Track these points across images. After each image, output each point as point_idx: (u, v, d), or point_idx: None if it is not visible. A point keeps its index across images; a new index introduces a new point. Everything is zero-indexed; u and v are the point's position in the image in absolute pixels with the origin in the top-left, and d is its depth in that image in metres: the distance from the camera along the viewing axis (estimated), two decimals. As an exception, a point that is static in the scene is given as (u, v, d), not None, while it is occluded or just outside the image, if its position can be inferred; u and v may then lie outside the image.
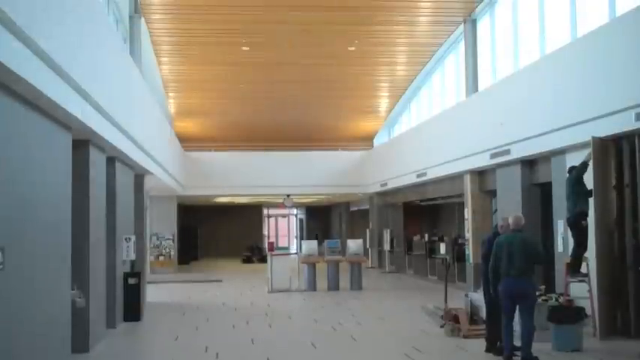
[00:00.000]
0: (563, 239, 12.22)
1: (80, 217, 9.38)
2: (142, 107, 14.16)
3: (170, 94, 25.03)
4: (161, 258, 25.29)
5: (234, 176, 26.34)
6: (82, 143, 9.48)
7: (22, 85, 6.13)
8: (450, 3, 18.20)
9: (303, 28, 19.22)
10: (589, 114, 10.96)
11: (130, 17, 16.88)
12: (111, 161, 11.59)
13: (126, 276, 13.00)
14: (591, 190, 10.26)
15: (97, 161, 10.23)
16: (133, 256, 13.01)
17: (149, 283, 17.77)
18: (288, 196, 28.53)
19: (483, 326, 10.01)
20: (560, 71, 12.36)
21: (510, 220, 9.04)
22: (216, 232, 37.06)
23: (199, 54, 21.36)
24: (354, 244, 19.62)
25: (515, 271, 8.61)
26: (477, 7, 18.23)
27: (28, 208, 6.95)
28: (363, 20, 18.84)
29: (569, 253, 10.99)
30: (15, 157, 6.54)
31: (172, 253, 25.64)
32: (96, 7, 9.46)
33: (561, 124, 11.90)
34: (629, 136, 10.25)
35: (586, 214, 10.30)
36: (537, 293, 9.57)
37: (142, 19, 17.38)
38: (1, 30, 5.34)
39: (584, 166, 10.45)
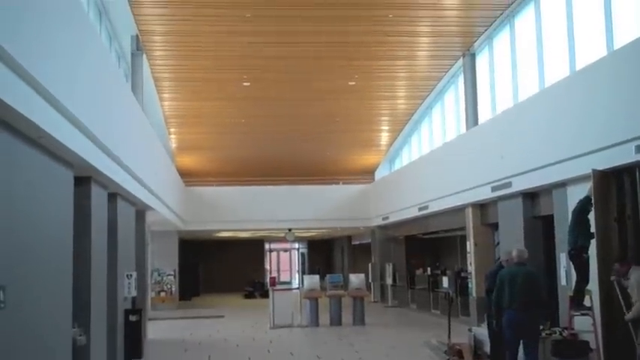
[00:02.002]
0: (566, 272, 12.16)
1: (81, 254, 9.35)
2: (143, 143, 14.21)
3: (171, 130, 25.15)
4: (162, 294, 25.17)
5: (236, 211, 26.31)
6: (84, 180, 9.49)
7: (24, 122, 6.16)
8: (448, 38, 18.37)
9: (303, 63, 19.38)
10: (589, 146, 10.97)
11: (132, 54, 17.05)
12: (112, 197, 11.59)
13: (127, 313, 12.91)
14: (593, 233, 10.17)
15: (98, 197, 10.24)
16: (134, 293, 12.95)
17: (150, 319, 17.68)
18: (289, 230, 28.48)
19: (488, 361, 9.93)
20: (559, 104, 12.41)
21: (514, 254, 9.02)
22: (218, 266, 36.90)
23: (200, 89, 21.51)
24: (356, 279, 19.54)
25: (518, 304, 8.56)
26: (475, 41, 18.40)
27: (29, 245, 6.94)
28: (363, 55, 19.01)
29: (572, 287, 10.92)
30: (16, 195, 6.54)
31: (174, 288, 25.52)
32: (98, 45, 9.56)
33: (561, 157, 11.91)
34: (629, 169, 10.25)
35: (586, 249, 10.26)
36: (541, 327, 9.51)
37: (144, 55, 17.55)
38: (3, 69, 5.37)
39: (587, 200, 10.41)
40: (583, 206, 10.42)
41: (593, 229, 10.14)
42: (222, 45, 17.94)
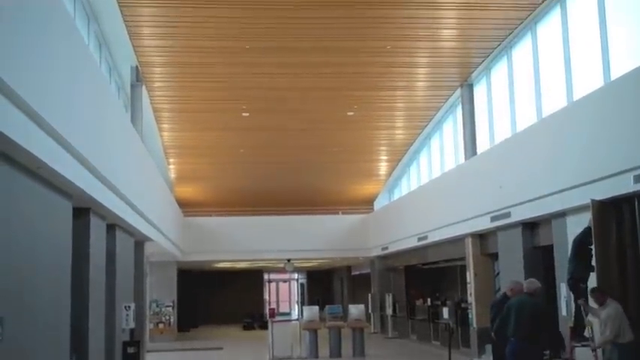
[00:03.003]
0: (566, 302, 12.10)
1: (80, 285, 9.31)
2: (142, 174, 14.23)
3: (170, 160, 25.19)
4: (161, 325, 24.98)
5: (235, 241, 26.22)
6: (83, 211, 9.49)
7: (23, 153, 6.17)
8: (446, 69, 18.50)
9: (302, 94, 19.49)
10: (588, 176, 10.99)
11: (132, 85, 17.16)
12: (111, 228, 11.57)
13: (125, 345, 12.82)
14: (594, 266, 10.15)
15: (97, 229, 10.22)
16: (132, 325, 12.87)
17: (149, 351, 17.53)
18: (288, 260, 28.37)
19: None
20: (558, 134, 12.45)
21: (525, 284, 9.02)
22: (217, 297, 36.68)
23: (199, 120, 21.59)
24: (355, 310, 19.41)
25: (523, 334, 8.53)
26: (473, 72, 18.53)
27: (26, 276, 6.90)
28: (361, 86, 19.13)
29: (572, 317, 10.86)
30: (14, 226, 6.53)
31: (172, 320, 25.34)
32: (98, 77, 9.61)
33: (560, 187, 11.92)
34: (628, 199, 10.26)
35: (585, 279, 10.22)
36: (544, 358, 9.44)
37: (144, 86, 17.64)
38: (1, 99, 5.37)
39: (588, 231, 10.39)
40: (583, 237, 10.40)
41: (593, 262, 10.13)
42: (222, 76, 18.05)
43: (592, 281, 10.21)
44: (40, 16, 6.36)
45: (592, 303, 9.46)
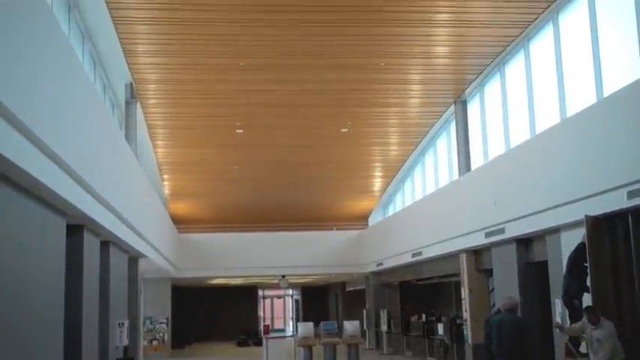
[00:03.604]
0: (561, 318, 12.07)
1: (73, 303, 9.26)
2: (136, 191, 14.21)
3: (165, 176, 25.18)
4: (155, 342, 24.84)
5: (229, 258, 26.13)
6: (77, 228, 9.46)
7: (15, 170, 6.15)
8: (440, 85, 18.59)
9: (296, 111, 19.56)
10: (581, 192, 11.02)
11: (126, 102, 17.18)
12: (105, 245, 11.54)
13: (118, 362, 12.76)
14: (588, 287, 10.16)
15: (90, 246, 10.19)
16: (126, 342, 12.80)
17: (142, 368, 17.42)
18: (283, 277, 28.30)
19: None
20: (551, 150, 12.49)
21: (504, 301, 9.11)
22: (211, 314, 36.53)
23: (194, 137, 21.62)
24: (350, 326, 19.36)
25: (505, 350, 8.63)
26: (466, 88, 18.62)
27: (20, 294, 6.87)
28: (356, 102, 19.21)
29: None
30: (6, 242, 6.51)
31: (166, 337, 25.20)
32: (92, 94, 9.62)
33: (554, 203, 11.95)
34: (622, 215, 10.28)
35: (579, 297, 10.23)
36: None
37: (138, 103, 17.67)
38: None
39: (582, 247, 10.40)
40: (578, 253, 10.42)
41: (589, 281, 10.14)
42: (216, 93, 18.11)
43: (587, 297, 10.23)
44: (34, 36, 6.38)
45: (585, 321, 9.44)
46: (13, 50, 5.69)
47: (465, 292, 17.21)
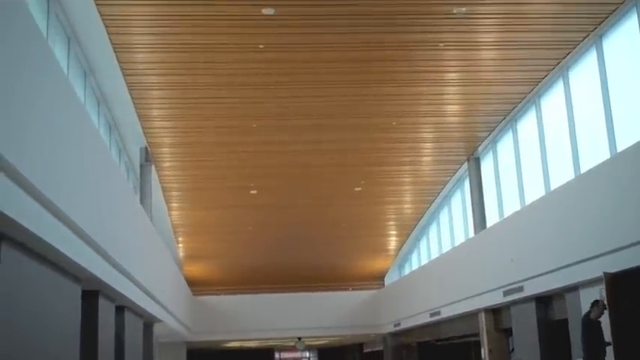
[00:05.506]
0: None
1: (87, 370, 9.16)
2: (152, 255, 14.20)
3: (179, 239, 25.18)
4: (170, 408, 24.43)
5: (245, 320, 25.87)
6: (92, 293, 9.41)
7: (34, 239, 6.17)
8: (453, 143, 18.63)
9: (310, 171, 19.63)
10: (599, 249, 10.89)
11: (141, 165, 17.31)
12: (120, 310, 11.46)
13: None
14: (604, 345, 9.98)
15: (105, 311, 10.13)
16: (140, 409, 12.60)
17: None
18: (299, 339, 27.95)
19: None
20: (568, 206, 12.41)
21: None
22: (228, 378, 35.97)
23: (208, 198, 21.69)
24: (368, 389, 18.98)
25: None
26: (479, 146, 18.65)
27: (34, 363, 6.81)
28: (369, 161, 19.27)
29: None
30: (21, 310, 6.47)
31: (182, 402, 24.80)
32: (108, 160, 9.72)
33: (571, 260, 11.81)
34: (641, 271, 10.14)
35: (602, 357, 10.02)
36: None
37: (153, 166, 17.81)
38: (8, 183, 5.37)
39: (594, 308, 10.22)
40: (591, 315, 10.24)
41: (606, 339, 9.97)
42: (229, 154, 18.25)
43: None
44: (51, 102, 6.48)
45: None
46: (31, 119, 5.77)
47: (484, 353, 16.90)
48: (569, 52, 13.78)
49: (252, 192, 20.72)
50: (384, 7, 11.74)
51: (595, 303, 10.16)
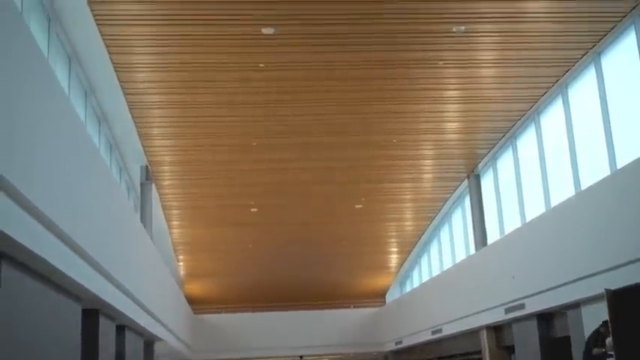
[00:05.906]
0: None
1: (88, 390, 9.11)
2: (152, 273, 14.17)
3: (180, 257, 25.13)
4: None
5: (246, 338, 25.77)
6: (92, 312, 9.39)
7: (31, 256, 6.16)
8: (453, 160, 18.66)
9: (310, 188, 19.63)
10: (601, 265, 10.86)
11: (142, 184, 17.33)
12: (120, 329, 11.42)
13: None
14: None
15: (106, 330, 10.09)
16: None
17: None
18: (301, 357, 27.79)
19: None
20: (569, 222, 12.40)
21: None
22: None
23: (208, 216, 21.68)
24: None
25: None
26: (479, 163, 18.67)
27: (34, 383, 6.77)
28: (369, 179, 19.28)
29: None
30: (24, 330, 6.46)
31: (182, 422, 24.62)
32: (109, 179, 9.73)
33: (573, 277, 11.77)
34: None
35: None
36: None
37: (153, 185, 17.83)
38: (10, 203, 5.38)
39: (595, 334, 10.20)
40: (592, 342, 10.20)
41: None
42: (230, 172, 18.27)
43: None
44: (52, 122, 6.50)
45: None
46: (34, 141, 5.79)
47: (486, 370, 16.82)
48: (568, 70, 13.84)
49: (252, 210, 20.72)
50: (385, 25, 11.81)
51: (605, 323, 10.02)
